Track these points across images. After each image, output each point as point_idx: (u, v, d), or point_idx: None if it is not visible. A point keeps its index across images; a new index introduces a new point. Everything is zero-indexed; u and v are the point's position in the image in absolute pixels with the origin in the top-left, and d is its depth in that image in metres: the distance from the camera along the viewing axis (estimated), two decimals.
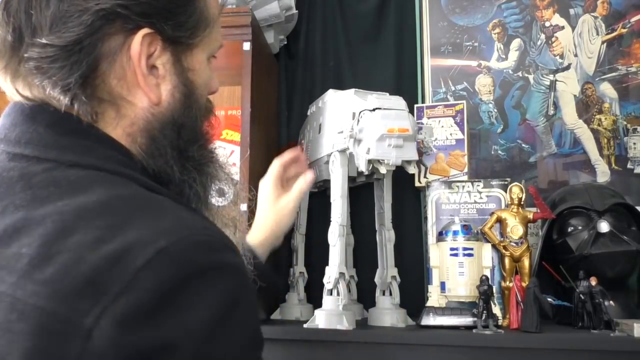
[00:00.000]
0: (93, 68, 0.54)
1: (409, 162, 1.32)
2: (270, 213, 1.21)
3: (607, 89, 1.69)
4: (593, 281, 1.24)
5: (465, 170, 1.56)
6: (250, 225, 1.39)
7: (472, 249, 1.33)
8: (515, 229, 1.36)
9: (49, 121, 0.54)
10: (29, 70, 0.54)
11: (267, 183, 1.25)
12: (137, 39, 0.55)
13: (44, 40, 0.52)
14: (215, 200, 0.68)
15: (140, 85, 0.57)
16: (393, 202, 1.49)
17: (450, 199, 1.48)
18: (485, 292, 1.25)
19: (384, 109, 1.31)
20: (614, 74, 1.70)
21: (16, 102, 0.57)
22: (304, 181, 1.21)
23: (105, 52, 0.55)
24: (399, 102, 1.35)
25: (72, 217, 0.45)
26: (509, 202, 1.39)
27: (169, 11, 0.57)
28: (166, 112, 0.59)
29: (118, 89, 0.56)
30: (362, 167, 1.31)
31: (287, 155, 1.28)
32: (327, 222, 1.39)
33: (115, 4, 0.53)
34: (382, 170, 1.31)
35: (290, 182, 1.26)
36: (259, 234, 1.20)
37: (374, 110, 1.31)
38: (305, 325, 1.31)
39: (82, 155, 0.53)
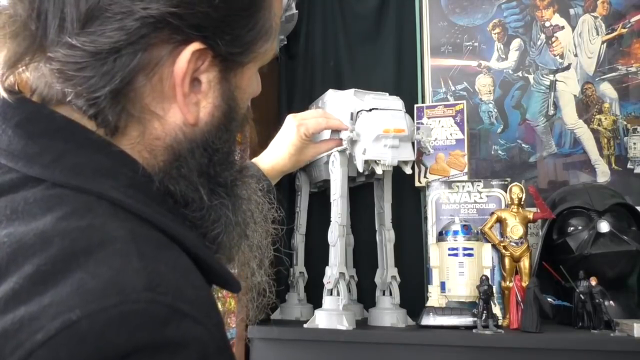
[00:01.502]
0: (127, 82, 0.45)
1: (405, 162, 1.32)
2: (287, 152, 1.24)
3: (607, 89, 1.69)
4: (593, 281, 1.24)
5: (465, 170, 1.56)
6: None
7: (472, 249, 1.33)
8: (515, 229, 1.36)
9: (19, 118, 0.44)
10: (50, 70, 0.44)
11: (294, 133, 1.26)
12: (186, 56, 0.46)
13: (73, 41, 0.43)
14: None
15: (179, 103, 0.48)
16: (393, 202, 1.49)
17: (450, 199, 1.48)
18: (485, 292, 1.25)
19: (381, 109, 1.31)
20: (614, 74, 1.69)
21: None
22: (334, 141, 1.28)
23: (144, 64, 0.45)
24: (395, 102, 1.35)
25: (6, 254, 0.37)
26: (509, 202, 1.39)
27: (227, 24, 0.48)
28: (200, 133, 0.50)
29: (151, 104, 0.47)
30: (360, 167, 1.32)
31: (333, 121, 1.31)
32: (327, 222, 1.39)
33: (167, 12, 0.43)
34: (379, 170, 1.31)
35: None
36: (272, 162, 1.23)
37: (370, 110, 1.31)
38: (305, 325, 1.31)
39: (49, 166, 0.43)
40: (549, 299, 1.25)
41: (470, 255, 1.33)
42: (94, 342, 0.34)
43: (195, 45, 0.46)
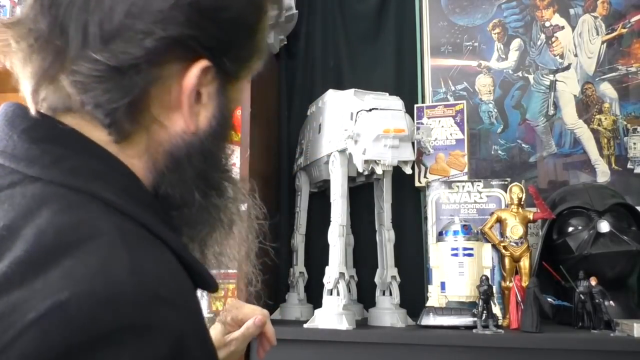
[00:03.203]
0: (142, 94, 0.49)
1: (405, 162, 1.32)
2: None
3: (607, 89, 1.69)
4: (593, 281, 1.24)
5: (465, 170, 1.56)
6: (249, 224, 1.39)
7: (472, 249, 1.33)
8: (515, 229, 1.36)
9: (25, 126, 0.49)
10: (71, 82, 0.48)
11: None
12: (195, 72, 0.50)
13: (96, 56, 0.47)
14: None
15: (184, 114, 0.52)
16: (393, 202, 1.49)
17: (450, 199, 1.48)
18: (485, 292, 1.25)
19: (381, 109, 1.31)
20: (614, 74, 1.69)
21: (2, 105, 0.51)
22: (253, 324, 0.93)
23: (158, 77, 0.50)
24: (395, 102, 1.35)
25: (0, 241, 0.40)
26: (509, 202, 1.39)
27: (232, 44, 0.53)
28: (197, 140, 0.54)
29: (158, 114, 0.52)
30: (359, 167, 1.32)
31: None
32: (327, 222, 1.40)
33: (185, 34, 0.49)
34: (379, 170, 1.31)
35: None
36: None
37: (370, 110, 1.31)
38: (305, 325, 1.31)
39: (48, 167, 0.46)
40: (549, 299, 1.25)
41: (470, 255, 1.33)
42: (82, 321, 0.36)
43: (203, 63, 0.51)
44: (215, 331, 0.92)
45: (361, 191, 1.64)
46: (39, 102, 0.51)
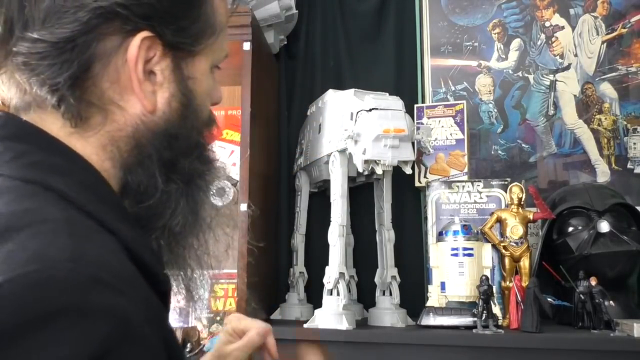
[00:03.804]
0: (85, 69, 0.50)
1: (405, 162, 1.32)
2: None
3: (607, 89, 1.69)
4: (593, 281, 1.24)
5: (465, 170, 1.56)
6: (250, 224, 1.39)
7: (472, 249, 1.33)
8: (515, 229, 1.36)
9: None
10: (16, 65, 0.50)
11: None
12: (135, 42, 0.51)
13: (35, 35, 0.49)
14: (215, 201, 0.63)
15: (135, 91, 0.53)
16: (393, 202, 1.49)
17: (450, 199, 1.48)
18: (485, 292, 1.25)
19: (381, 109, 1.31)
20: (614, 74, 1.69)
21: None
22: (256, 333, 0.90)
23: (100, 53, 0.51)
24: (396, 102, 1.35)
25: None
26: (509, 202, 1.39)
27: (171, 15, 0.53)
28: (159, 122, 0.55)
29: (110, 93, 0.52)
30: (360, 167, 1.32)
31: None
32: (327, 222, 1.40)
33: (114, 2, 0.49)
34: (379, 170, 1.31)
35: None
36: None
37: (370, 110, 1.31)
38: (305, 325, 1.31)
39: (9, 162, 0.48)
40: (549, 299, 1.25)
41: (470, 255, 1.33)
42: (14, 304, 0.36)
43: (143, 34, 0.52)
44: (217, 342, 0.91)
45: (361, 191, 1.64)
46: (5, 102, 0.53)
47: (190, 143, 0.58)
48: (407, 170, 1.34)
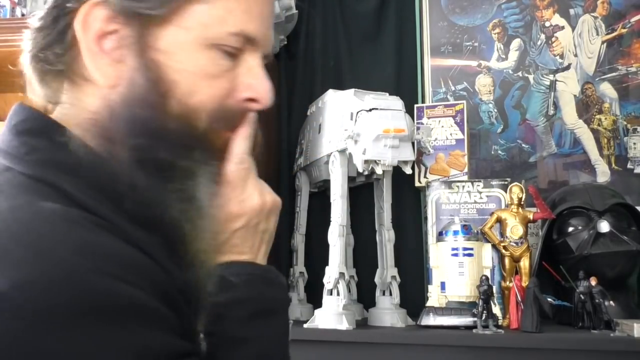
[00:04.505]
0: (61, 40, 0.53)
1: (405, 162, 1.32)
2: None
3: (607, 89, 1.69)
4: (593, 281, 1.24)
5: (465, 170, 1.56)
6: None
7: (472, 249, 1.33)
8: (515, 229, 1.36)
9: (16, 121, 0.52)
10: (32, 59, 0.55)
11: None
12: (82, 10, 0.50)
13: (36, 25, 0.54)
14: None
15: (87, 61, 0.50)
16: (393, 202, 1.49)
17: (450, 199, 1.48)
18: (485, 292, 1.25)
19: (381, 109, 1.31)
20: (614, 74, 1.69)
21: None
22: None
23: (67, 26, 0.52)
24: (395, 102, 1.35)
25: None
26: (509, 202, 1.39)
27: None
28: (123, 100, 0.50)
29: (80, 68, 0.52)
30: (360, 167, 1.32)
31: None
32: (327, 222, 1.39)
33: None
34: (379, 170, 1.31)
35: None
36: None
37: (370, 110, 1.31)
38: (305, 325, 1.31)
39: (19, 158, 0.49)
40: (549, 299, 1.25)
41: (470, 255, 1.33)
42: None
43: (93, 0, 0.51)
44: None
45: (361, 191, 1.64)
46: (37, 99, 0.56)
47: (169, 129, 0.51)
48: (407, 170, 1.34)
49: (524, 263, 1.36)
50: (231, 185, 0.59)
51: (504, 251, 1.36)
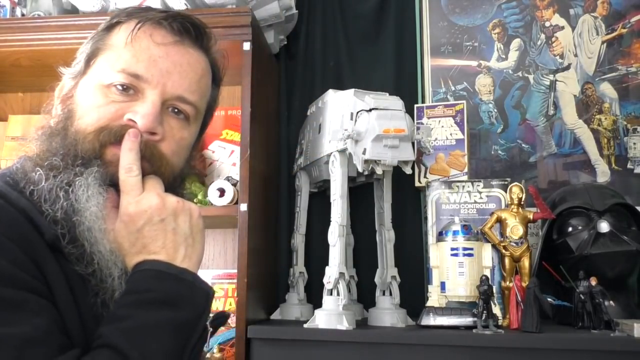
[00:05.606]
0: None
1: (405, 162, 1.32)
2: None
3: (607, 89, 1.69)
4: (593, 281, 1.24)
5: (465, 170, 1.56)
6: (250, 224, 1.39)
7: (472, 249, 1.33)
8: (515, 229, 1.36)
9: None
10: None
11: None
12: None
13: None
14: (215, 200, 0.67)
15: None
16: (393, 202, 1.49)
17: (450, 199, 1.48)
18: (485, 292, 1.25)
19: (381, 109, 1.31)
20: (614, 74, 1.70)
21: None
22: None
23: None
24: (396, 102, 1.35)
25: None
26: (509, 202, 1.39)
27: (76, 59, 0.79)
28: (54, 125, 0.74)
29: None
30: (360, 167, 1.32)
31: None
32: (327, 222, 1.39)
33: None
34: (379, 170, 1.31)
35: None
36: None
37: (370, 110, 1.31)
38: (305, 325, 1.31)
39: None
40: (549, 299, 1.25)
41: (470, 255, 1.33)
42: None
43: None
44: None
45: (361, 191, 1.64)
46: None
47: (62, 145, 0.72)
48: (407, 170, 1.34)
49: (524, 263, 1.36)
50: (125, 191, 0.71)
51: (504, 251, 1.36)
